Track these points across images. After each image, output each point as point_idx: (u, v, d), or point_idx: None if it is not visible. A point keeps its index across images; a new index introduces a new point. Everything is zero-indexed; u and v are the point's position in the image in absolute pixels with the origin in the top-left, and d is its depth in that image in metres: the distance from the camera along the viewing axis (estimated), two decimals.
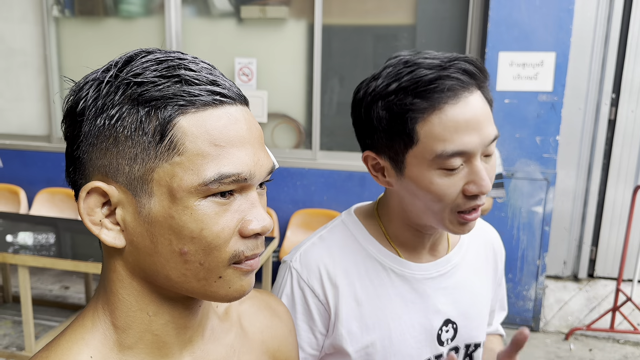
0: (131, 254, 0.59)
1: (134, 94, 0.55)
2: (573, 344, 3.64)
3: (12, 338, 3.53)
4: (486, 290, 1.10)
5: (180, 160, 0.55)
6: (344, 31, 4.04)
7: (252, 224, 0.58)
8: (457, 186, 0.86)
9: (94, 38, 4.42)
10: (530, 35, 3.46)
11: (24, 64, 4.64)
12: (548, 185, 3.61)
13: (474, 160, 0.86)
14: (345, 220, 1.04)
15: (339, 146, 4.16)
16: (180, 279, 0.58)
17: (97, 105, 0.56)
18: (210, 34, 4.23)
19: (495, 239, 1.15)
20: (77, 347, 0.60)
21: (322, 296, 0.97)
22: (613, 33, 3.76)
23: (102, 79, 0.57)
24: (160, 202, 0.56)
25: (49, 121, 4.62)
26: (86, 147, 0.58)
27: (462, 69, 0.85)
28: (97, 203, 0.58)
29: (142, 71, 0.56)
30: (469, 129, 0.84)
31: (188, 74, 0.56)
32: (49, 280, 4.44)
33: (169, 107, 0.55)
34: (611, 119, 3.89)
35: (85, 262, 3.08)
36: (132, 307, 0.61)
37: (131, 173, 0.56)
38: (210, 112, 0.56)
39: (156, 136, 0.55)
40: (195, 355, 0.67)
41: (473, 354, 1.08)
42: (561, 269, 4.16)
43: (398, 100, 0.86)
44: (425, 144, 0.85)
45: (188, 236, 0.56)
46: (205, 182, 0.55)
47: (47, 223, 3.77)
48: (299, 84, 4.14)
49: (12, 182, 4.60)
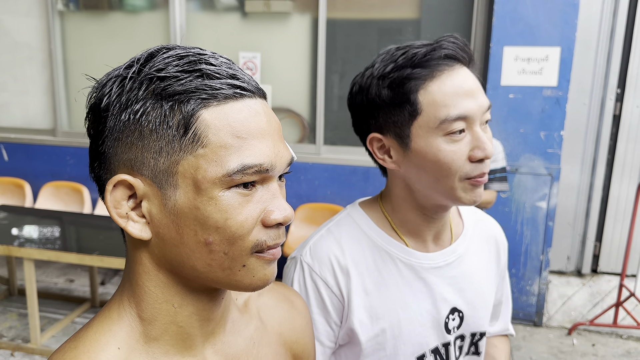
0: (157, 246, 0.61)
1: (157, 89, 0.57)
2: (576, 339, 3.64)
3: (17, 330, 3.56)
4: (490, 281, 1.13)
5: (204, 152, 0.57)
6: (349, 25, 4.04)
7: (274, 213, 0.60)
8: (463, 152, 0.90)
9: (99, 32, 4.43)
10: (535, 30, 3.45)
11: (29, 58, 4.65)
12: (552, 180, 3.61)
13: (474, 127, 0.90)
14: (351, 212, 1.06)
15: (343, 141, 4.16)
16: (206, 268, 0.60)
17: (121, 101, 0.57)
18: (214, 28, 4.23)
19: (497, 232, 1.18)
20: (104, 338, 0.61)
21: (335, 287, 0.99)
22: (619, 28, 3.74)
23: (125, 75, 0.58)
24: (185, 193, 0.57)
25: (53, 115, 4.63)
26: (111, 142, 0.59)
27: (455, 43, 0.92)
28: (124, 196, 0.59)
29: (164, 66, 0.57)
30: (467, 95, 0.89)
31: (209, 68, 0.58)
32: (54, 273, 4.46)
33: (191, 100, 0.56)
34: (616, 114, 3.88)
35: (90, 255, 3.10)
36: (158, 299, 0.62)
37: (156, 166, 0.57)
38: (231, 105, 0.58)
39: (180, 129, 0.56)
40: (217, 347, 0.68)
41: (478, 342, 1.11)
42: (565, 264, 4.16)
43: (398, 74, 0.91)
44: (429, 113, 0.90)
45: (213, 226, 0.57)
46: (229, 172, 0.56)
47: (52, 216, 3.79)
48: (303, 78, 4.14)
49: (17, 175, 4.62)
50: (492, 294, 1.13)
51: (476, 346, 1.11)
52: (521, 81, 3.52)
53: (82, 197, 4.34)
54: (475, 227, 1.13)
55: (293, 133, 4.23)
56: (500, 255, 1.16)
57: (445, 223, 1.05)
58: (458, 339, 1.07)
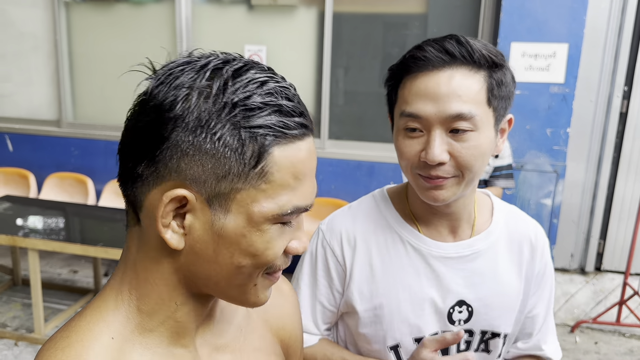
0: (186, 257, 0.61)
1: (238, 116, 0.56)
2: (579, 337, 3.64)
3: (21, 320, 3.57)
4: (516, 284, 1.09)
5: (266, 187, 0.58)
6: (355, 19, 4.02)
7: (295, 244, 0.64)
8: (414, 149, 0.96)
9: (104, 23, 4.42)
10: (543, 26, 3.43)
11: (34, 49, 4.65)
12: (557, 177, 3.60)
13: (431, 130, 0.93)
14: (376, 195, 1.14)
15: (348, 135, 4.15)
16: (227, 285, 0.63)
17: (200, 118, 0.56)
18: (220, 20, 4.22)
19: (534, 234, 1.13)
20: (98, 327, 0.61)
21: (340, 256, 1.08)
22: (627, 25, 3.71)
23: (209, 91, 0.57)
24: (235, 220, 0.59)
25: (58, 106, 4.63)
26: (174, 152, 0.57)
27: (443, 47, 0.93)
28: (173, 207, 0.59)
29: (249, 94, 0.57)
30: (427, 97, 0.92)
31: (288, 104, 0.59)
32: (58, 264, 4.47)
33: (268, 137, 0.57)
34: (623, 111, 3.86)
35: (94, 246, 3.10)
36: (163, 297, 0.63)
37: (217, 188, 0.58)
38: (297, 144, 0.60)
39: (252, 161, 0.57)
40: (206, 336, 0.70)
41: (489, 341, 1.10)
42: (568, 261, 4.15)
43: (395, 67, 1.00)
44: (399, 104, 0.98)
45: (252, 253, 0.60)
46: (283, 213, 0.59)
47: (56, 207, 3.80)
48: (309, 72, 4.13)
49: (22, 166, 4.62)
50: (517, 297, 1.09)
51: (486, 344, 1.10)
52: (528, 77, 3.50)
53: (86, 189, 4.35)
54: (507, 225, 1.11)
55: None
56: (534, 258, 1.11)
57: (460, 218, 1.06)
58: (465, 333, 1.07)
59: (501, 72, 0.95)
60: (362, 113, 4.15)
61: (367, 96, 4.11)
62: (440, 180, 0.95)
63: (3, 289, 3.98)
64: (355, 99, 4.17)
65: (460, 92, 0.92)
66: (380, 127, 4.12)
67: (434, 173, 0.94)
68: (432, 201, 0.98)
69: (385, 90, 1.03)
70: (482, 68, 0.93)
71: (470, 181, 0.97)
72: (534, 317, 1.14)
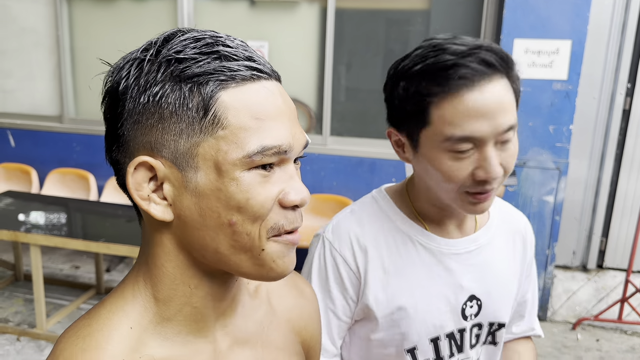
0: (179, 228, 0.61)
1: (175, 71, 0.57)
2: (580, 334, 3.64)
3: (23, 315, 3.58)
4: (512, 273, 1.13)
5: (224, 134, 0.57)
6: (357, 15, 4.01)
7: (291, 194, 0.60)
8: (465, 170, 0.90)
9: (106, 19, 4.41)
10: (546, 23, 3.42)
11: (35, 44, 4.64)
12: (560, 174, 3.59)
13: (484, 147, 0.88)
14: (376, 196, 1.10)
15: (350, 132, 4.14)
16: (229, 251, 0.60)
17: (139, 84, 0.57)
18: (222, 16, 4.21)
19: (524, 226, 1.17)
20: (117, 317, 0.61)
21: (352, 264, 1.03)
22: (630, 22, 3.70)
23: (143, 58, 0.58)
24: (206, 175, 0.58)
25: (60, 101, 4.63)
26: (130, 125, 0.59)
27: (482, 58, 0.87)
28: (145, 178, 0.59)
29: (182, 48, 0.57)
30: (480, 116, 0.86)
31: (226, 50, 0.58)
32: (60, 259, 4.48)
33: (210, 82, 0.57)
34: (626, 108, 3.84)
35: (96, 242, 3.11)
36: (176, 280, 0.63)
37: (177, 148, 0.57)
38: (249, 86, 0.58)
39: (200, 111, 0.57)
40: (227, 329, 0.69)
41: (496, 332, 1.11)
42: (570, 259, 4.14)
43: (417, 82, 0.90)
44: (437, 127, 0.89)
45: (235, 206, 0.58)
46: (249, 154, 0.57)
47: (58, 203, 3.80)
48: (311, 68, 4.12)
49: (24, 161, 4.63)
50: (515, 287, 1.13)
51: (493, 336, 1.12)
52: (531, 74, 3.48)
53: (88, 184, 4.35)
54: (502, 219, 1.13)
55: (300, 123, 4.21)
56: (526, 250, 1.16)
57: (466, 215, 1.06)
58: (475, 327, 1.08)
59: (515, 73, 0.92)
60: (364, 110, 4.14)
61: (369, 93, 4.11)
62: (490, 193, 0.92)
63: (5, 285, 3.99)
64: (357, 95, 4.16)
65: (505, 104, 0.88)
66: (382, 123, 4.10)
67: (489, 187, 0.91)
68: (479, 213, 0.95)
69: None
70: (505, 73, 0.90)
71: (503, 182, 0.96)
72: (525, 301, 1.22)
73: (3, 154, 4.72)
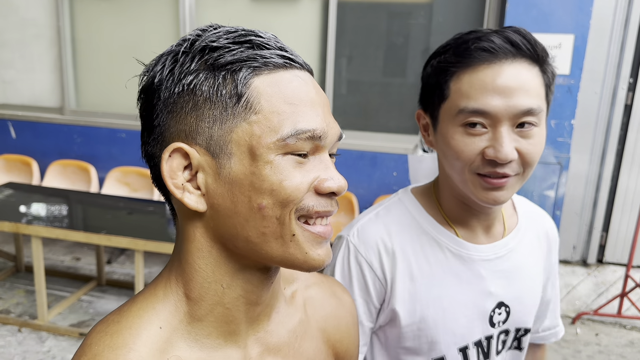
0: (212, 218, 0.60)
1: (209, 59, 0.58)
2: (579, 329, 3.65)
3: (25, 307, 3.59)
4: (539, 277, 1.10)
5: (257, 118, 0.57)
6: (359, 8, 3.99)
7: (328, 182, 0.60)
8: (476, 147, 0.88)
9: (107, 10, 4.40)
10: (549, 17, 3.40)
11: (36, 36, 4.63)
12: (561, 169, 3.59)
13: (498, 126, 0.87)
14: (403, 198, 1.06)
15: (351, 125, 4.14)
16: (260, 238, 0.59)
17: (174, 74, 0.59)
18: (224, 9, 4.19)
19: (550, 227, 1.15)
20: (147, 315, 0.61)
21: (379, 270, 0.99)
22: (633, 17, 3.68)
23: (177, 51, 0.60)
24: (240, 160, 0.58)
25: (61, 93, 4.62)
26: (165, 115, 0.59)
27: (506, 36, 0.87)
28: (180, 166, 0.59)
29: (215, 39, 0.59)
30: (495, 91, 0.86)
31: (258, 39, 0.59)
32: (61, 251, 4.49)
33: (243, 69, 0.58)
34: (628, 104, 3.84)
35: (97, 234, 3.11)
36: (208, 278, 0.62)
37: (211, 135, 0.58)
38: (281, 73, 0.59)
39: (233, 97, 0.57)
40: (259, 335, 0.68)
41: (522, 338, 1.09)
42: (570, 253, 4.15)
43: (444, 58, 0.92)
44: (453, 99, 0.90)
45: (268, 189, 0.57)
46: (283, 137, 0.57)
47: (59, 195, 3.81)
48: (312, 61, 4.11)
49: (25, 153, 4.63)
50: (540, 290, 1.11)
51: (519, 341, 1.09)
52: None
53: (89, 176, 4.35)
54: (529, 221, 1.10)
55: None
56: (551, 252, 1.14)
57: (495, 217, 1.03)
58: (502, 334, 1.05)
59: (550, 68, 0.91)
60: (366, 103, 4.13)
61: (370, 86, 4.10)
62: (504, 180, 0.89)
63: (6, 276, 4.00)
64: (359, 88, 4.16)
65: (527, 86, 0.86)
66: (383, 117, 4.10)
67: (501, 171, 0.88)
68: (491, 203, 0.91)
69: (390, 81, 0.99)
70: (537, 62, 0.89)
71: (526, 178, 0.93)
72: (548, 301, 1.18)
73: (4, 146, 4.72)
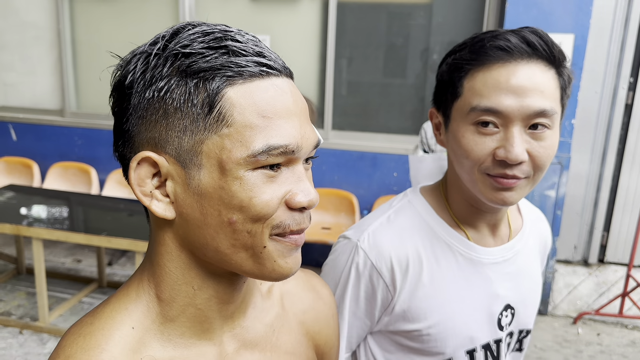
0: (181, 226, 0.60)
1: (182, 66, 0.55)
2: (581, 328, 3.64)
3: (26, 309, 3.59)
4: (540, 278, 1.12)
5: (229, 132, 0.55)
6: (359, 9, 3.99)
7: (299, 196, 0.59)
8: (486, 147, 0.87)
9: (108, 12, 4.40)
10: (549, 17, 3.40)
11: (37, 38, 4.64)
12: (562, 169, 3.58)
13: (510, 126, 0.86)
14: (412, 200, 1.05)
15: (351, 126, 4.14)
16: (230, 250, 0.59)
17: (145, 78, 0.56)
18: (223, 10, 4.20)
19: (547, 235, 1.16)
20: (120, 316, 0.61)
21: (389, 281, 0.98)
22: (633, 16, 3.68)
23: (150, 52, 0.57)
24: (209, 173, 0.56)
25: (61, 95, 4.63)
26: (135, 120, 0.58)
27: (523, 36, 0.87)
28: (148, 174, 0.58)
29: (189, 42, 0.56)
30: (509, 91, 0.85)
31: (235, 45, 0.56)
32: (62, 253, 4.49)
33: (217, 78, 0.55)
34: (628, 103, 3.83)
35: (97, 236, 3.11)
36: (178, 281, 0.62)
37: (180, 145, 0.56)
38: (257, 83, 0.56)
39: (205, 108, 0.55)
40: (235, 331, 0.68)
41: (523, 340, 1.10)
42: (571, 253, 4.15)
43: (459, 55, 0.91)
44: (466, 97, 0.89)
45: (237, 205, 0.56)
46: (254, 153, 0.55)
47: (60, 197, 3.81)
48: (312, 62, 4.11)
49: (26, 155, 4.63)
50: (540, 291, 1.12)
51: (521, 343, 1.10)
52: None
53: (89, 178, 4.35)
54: (532, 224, 1.11)
55: None
56: (544, 258, 1.15)
57: (501, 218, 1.03)
58: (508, 336, 1.05)
59: (567, 71, 0.90)
60: (366, 103, 4.13)
61: (370, 86, 4.10)
62: (514, 182, 0.88)
63: (7, 278, 4.01)
64: (359, 89, 4.16)
65: (542, 88, 0.86)
66: (383, 117, 4.10)
67: (511, 172, 0.87)
68: (500, 204, 0.90)
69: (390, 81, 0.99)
70: (553, 65, 0.88)
71: (537, 182, 0.92)
72: None
73: (5, 148, 4.73)
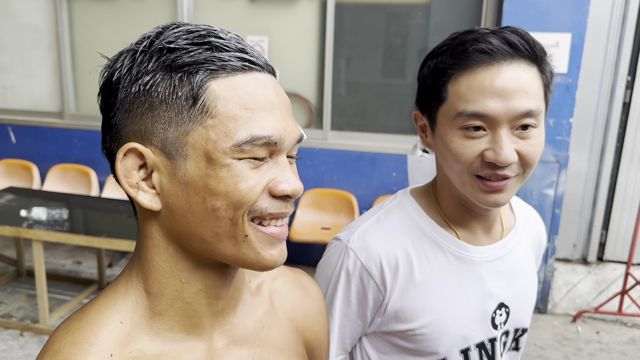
0: (167, 218, 0.61)
1: (167, 61, 0.58)
2: (580, 326, 3.65)
3: (26, 311, 3.60)
4: (534, 276, 1.11)
5: (213, 123, 0.57)
6: (357, 9, 4.00)
7: (283, 184, 0.60)
8: (475, 150, 0.87)
9: (106, 14, 4.41)
10: (546, 15, 3.41)
11: (35, 40, 4.64)
12: (560, 167, 3.59)
13: (498, 129, 0.86)
14: (402, 201, 1.05)
15: (350, 126, 4.14)
16: (213, 237, 0.60)
17: (132, 73, 0.58)
18: (221, 11, 4.21)
19: (542, 233, 1.16)
20: (108, 312, 0.62)
21: (380, 281, 0.98)
22: (630, 15, 3.69)
23: (136, 49, 0.59)
24: (196, 163, 0.58)
25: (60, 98, 4.63)
26: (122, 114, 0.59)
27: (504, 37, 0.86)
28: (134, 165, 0.59)
29: (174, 39, 0.58)
30: (494, 94, 0.85)
31: (218, 41, 0.58)
32: (62, 255, 4.50)
33: (200, 71, 0.57)
34: (626, 101, 3.85)
35: (98, 237, 3.12)
36: (166, 274, 0.63)
37: (166, 136, 0.58)
38: (240, 77, 0.59)
39: (189, 100, 0.57)
40: (225, 327, 0.69)
41: (520, 338, 1.09)
42: (571, 252, 4.16)
43: (441, 59, 0.91)
44: (451, 102, 0.89)
45: (223, 191, 0.58)
46: (239, 143, 0.57)
47: (60, 199, 3.81)
48: (311, 62, 4.12)
49: (25, 157, 4.63)
50: (535, 288, 1.12)
51: (517, 342, 1.10)
52: None
53: (89, 180, 4.36)
54: (525, 221, 1.11)
55: (300, 118, 4.22)
56: (539, 256, 1.15)
57: (495, 218, 1.03)
58: (503, 335, 1.05)
59: (549, 67, 0.90)
60: (364, 104, 4.14)
61: (369, 87, 4.11)
62: (505, 182, 0.88)
63: (8, 280, 4.01)
64: (358, 89, 4.16)
65: (526, 88, 0.86)
66: (382, 117, 4.11)
67: (501, 172, 0.87)
68: (491, 205, 0.91)
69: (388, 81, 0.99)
70: (536, 62, 0.88)
71: (527, 178, 0.92)
72: None
73: (4, 150, 4.73)
